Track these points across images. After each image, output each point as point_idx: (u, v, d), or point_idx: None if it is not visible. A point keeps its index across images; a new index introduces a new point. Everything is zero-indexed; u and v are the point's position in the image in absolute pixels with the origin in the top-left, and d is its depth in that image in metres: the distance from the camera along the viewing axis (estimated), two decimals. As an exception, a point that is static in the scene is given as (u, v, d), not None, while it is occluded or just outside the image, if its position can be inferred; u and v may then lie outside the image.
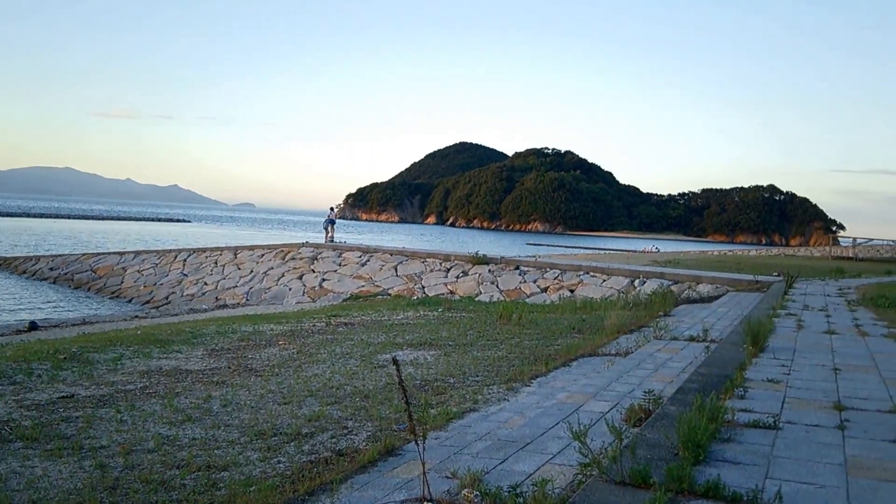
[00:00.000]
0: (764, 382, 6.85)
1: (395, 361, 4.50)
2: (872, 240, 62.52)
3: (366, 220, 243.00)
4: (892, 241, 62.19)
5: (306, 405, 7.28)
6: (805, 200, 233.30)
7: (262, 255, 31.84)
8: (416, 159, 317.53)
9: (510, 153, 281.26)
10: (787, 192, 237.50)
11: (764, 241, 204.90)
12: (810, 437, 4.99)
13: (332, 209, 40.48)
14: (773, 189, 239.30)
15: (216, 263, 31.85)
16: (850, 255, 53.84)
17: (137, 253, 36.13)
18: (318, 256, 30.31)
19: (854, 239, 59.05)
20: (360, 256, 29.45)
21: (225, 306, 25.22)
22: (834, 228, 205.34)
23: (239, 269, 30.65)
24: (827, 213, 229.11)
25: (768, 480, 4.06)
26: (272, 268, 29.82)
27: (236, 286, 28.65)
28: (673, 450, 4.45)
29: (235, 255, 32.72)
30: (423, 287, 25.31)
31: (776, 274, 24.25)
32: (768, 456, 4.54)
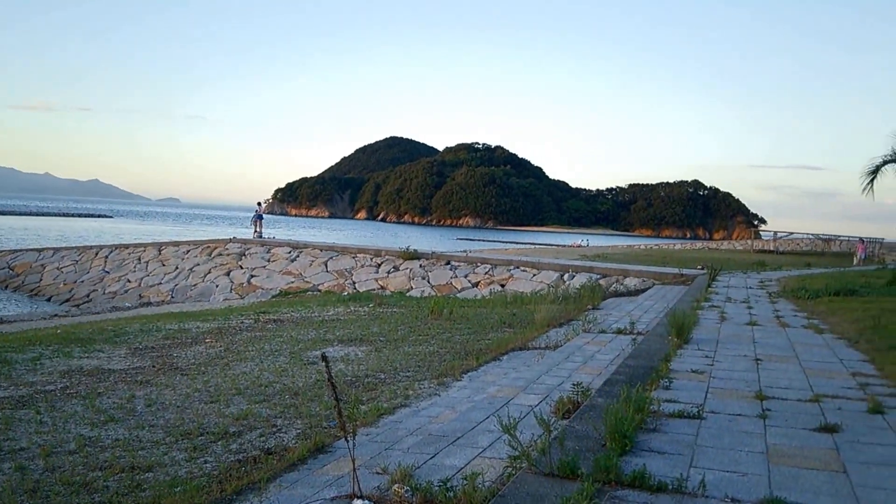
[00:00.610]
0: (688, 373, 7.03)
1: (324, 358, 4.42)
2: (793, 233, 65.33)
3: (295, 215, 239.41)
4: (812, 234, 65.01)
5: (234, 404, 7.12)
6: (728, 195, 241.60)
7: (188, 252, 31.01)
8: (346, 154, 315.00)
9: (441, 148, 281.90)
10: (710, 188, 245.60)
11: (689, 235, 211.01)
12: (733, 427, 5.14)
13: (259, 204, 39.75)
14: (697, 184, 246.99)
15: (139, 260, 30.85)
16: (772, 248, 56.14)
17: (57, 249, 34.64)
18: (246, 252, 29.70)
19: (775, 233, 61.59)
20: (290, 252, 28.99)
21: (149, 304, 24.46)
22: (756, 223, 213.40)
23: (163, 265, 29.76)
24: (749, 208, 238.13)
25: (693, 469, 4.16)
26: (198, 264, 29.07)
27: (161, 283, 27.82)
28: (601, 441, 4.52)
29: (160, 251, 31.76)
30: (354, 283, 25.12)
31: (700, 267, 25.01)
32: (693, 445, 4.66)
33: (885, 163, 18.65)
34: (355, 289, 24.26)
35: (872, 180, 18.79)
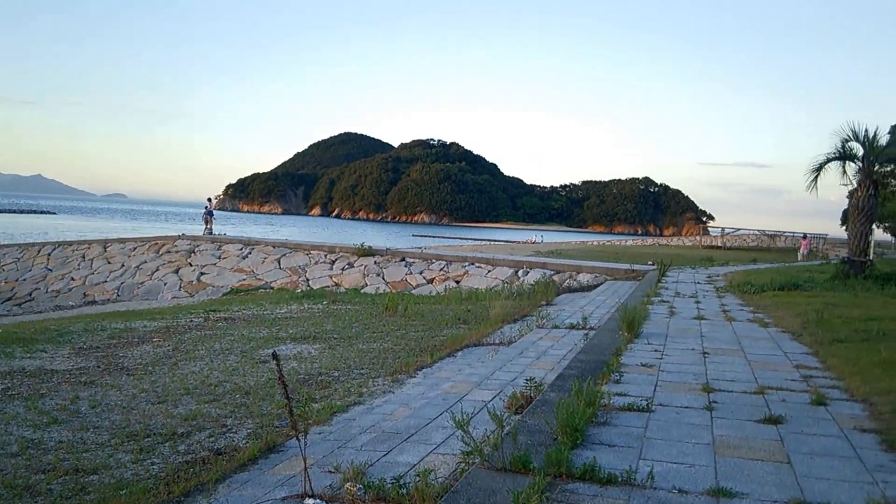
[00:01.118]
0: (638, 367, 7.14)
1: (275, 356, 4.38)
2: (739, 229, 66.90)
3: (247, 211, 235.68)
4: (758, 230, 66.67)
5: (182, 404, 6.99)
6: (678, 192, 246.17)
7: (135, 249, 30.31)
8: (300, 149, 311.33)
9: (396, 144, 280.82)
10: (661, 185, 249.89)
11: (640, 232, 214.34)
12: (681, 419, 5.23)
13: (209, 200, 39.10)
14: (648, 181, 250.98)
15: (84, 257, 30.04)
16: (719, 244, 57.40)
17: (-3, 247, 33.56)
18: (196, 249, 29.15)
19: (722, 229, 62.99)
20: (241, 249, 28.57)
21: (94, 303, 23.87)
22: (704, 219, 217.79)
23: (109, 263, 29.03)
24: (698, 205, 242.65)
25: (642, 461, 4.22)
26: (145, 261, 28.43)
27: (106, 281, 27.15)
28: (553, 435, 4.56)
29: (105, 248, 30.97)
30: (308, 280, 24.88)
31: (651, 263, 25.42)
32: (642, 438, 4.72)
33: (828, 160, 19.12)
34: (309, 286, 24.04)
35: (816, 178, 19.24)
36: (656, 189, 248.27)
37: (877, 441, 4.71)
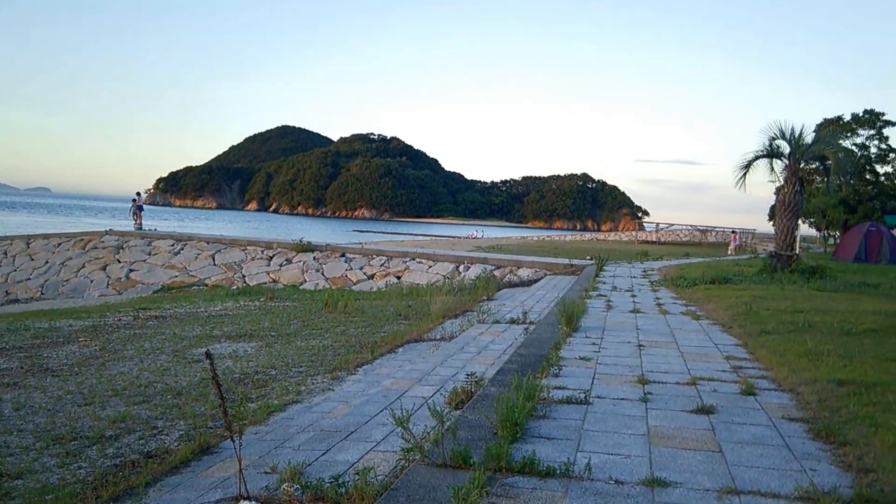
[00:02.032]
0: (577, 360, 7.23)
1: (208, 354, 4.25)
2: (673, 225, 68.70)
3: (180, 206, 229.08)
4: (691, 225, 68.48)
5: (111, 406, 6.76)
6: (615, 188, 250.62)
7: (60, 245, 29.24)
8: (235, 142, 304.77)
9: (335, 138, 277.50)
10: (598, 181, 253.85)
11: (579, 227, 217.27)
12: (617, 410, 5.31)
13: (138, 194, 38.02)
14: (586, 177, 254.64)
15: (6, 254, 28.85)
16: (654, 239, 58.84)
17: (-89, 244, 31.90)
18: (125, 245, 28.29)
19: (657, 224, 64.66)
20: (173, 245, 27.86)
21: (16, 301, 22.96)
22: (640, 214, 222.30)
23: (32, 259, 27.95)
24: (634, 200, 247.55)
25: (580, 453, 4.27)
26: (71, 258, 27.46)
27: (29, 279, 26.14)
28: (493, 429, 4.57)
29: (28, 244, 29.79)
30: (244, 276, 24.45)
31: (589, 258, 25.83)
32: (580, 430, 4.78)
33: (756, 158, 19.72)
34: (245, 282, 23.64)
35: (745, 174, 19.83)
36: (594, 185, 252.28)
37: (804, 429, 4.87)
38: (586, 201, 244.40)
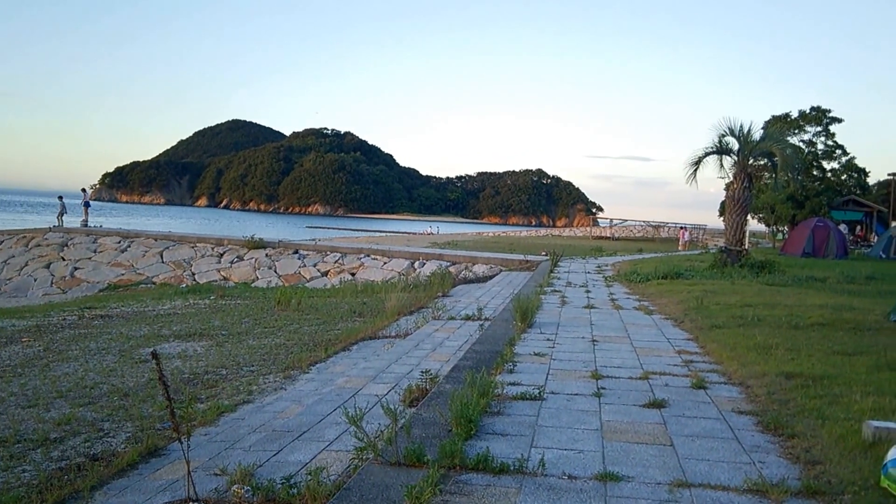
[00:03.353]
0: (531, 356, 7.26)
1: (154, 355, 4.13)
2: (626, 220, 69.70)
3: (126, 202, 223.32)
4: (644, 221, 69.62)
5: (55, 407, 6.56)
6: (569, 184, 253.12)
7: (1, 242, 28.33)
8: (184, 137, 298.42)
9: (287, 132, 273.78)
10: (553, 177, 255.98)
11: (534, 223, 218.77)
12: (571, 406, 5.34)
13: (83, 190, 37.06)
14: (541, 173, 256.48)
15: (-55, 252, 27.82)
16: (608, 234, 59.64)
17: None
18: (70, 243, 27.51)
19: (611, 220, 65.49)
20: (120, 242, 27.19)
21: (-42, 301, 22.10)
22: (594, 210, 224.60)
23: (-26, 258, 27.02)
24: (588, 196, 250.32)
25: (534, 449, 4.27)
26: (13, 256, 26.61)
27: (-29, 278, 25.24)
28: (447, 427, 4.54)
29: (-31, 242, 28.79)
30: (194, 274, 24.00)
31: (544, 253, 26.02)
32: (534, 426, 4.78)
33: (706, 154, 20.11)
34: (195, 280, 23.21)
35: (695, 171, 20.21)
36: (549, 181, 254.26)
37: (753, 422, 4.96)
38: (541, 197, 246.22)
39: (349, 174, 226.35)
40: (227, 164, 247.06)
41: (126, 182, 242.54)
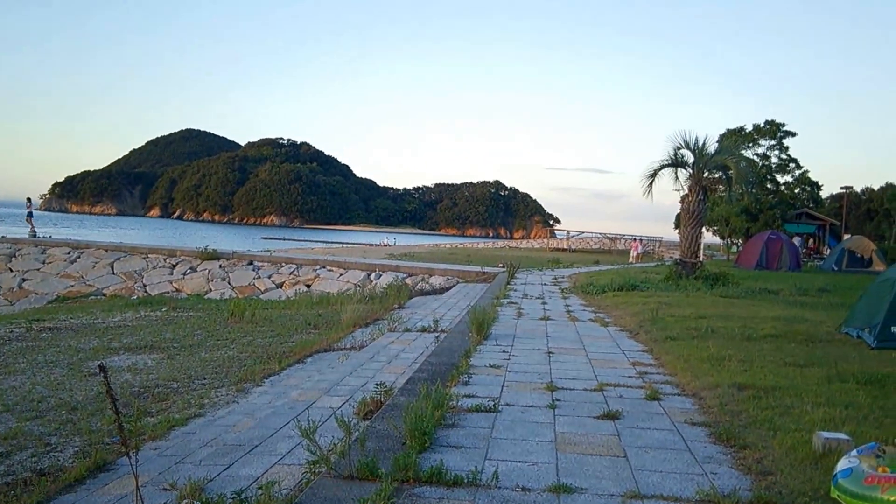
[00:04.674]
0: (487, 368, 7.26)
1: (101, 368, 4.04)
2: (583, 232, 70.34)
3: (77, 212, 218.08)
4: (600, 233, 70.33)
5: (1, 421, 6.41)
6: (527, 196, 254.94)
7: (-53, 253, 27.39)
8: (137, 146, 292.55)
9: (242, 143, 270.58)
10: (511, 188, 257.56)
11: (491, 234, 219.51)
12: (525, 418, 5.35)
13: (29, 200, 36.13)
14: (499, 185, 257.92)
15: None
16: (565, 246, 60.13)
17: None
18: (17, 253, 26.74)
19: (568, 232, 66.10)
20: (69, 253, 26.53)
21: None
22: (551, 222, 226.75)
23: (-85, 268, 26.06)
24: (545, 208, 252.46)
25: (487, 461, 4.27)
26: (-41, 267, 25.76)
27: (-89, 289, 24.34)
28: (401, 439, 4.52)
29: (-90, 252, 27.76)
30: (145, 285, 23.53)
31: (501, 265, 26.10)
32: (488, 438, 4.79)
33: (662, 167, 20.37)
34: (146, 292, 22.75)
35: (651, 183, 20.45)
36: (506, 192, 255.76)
37: (706, 434, 5.03)
38: (499, 209, 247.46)
39: (305, 185, 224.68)
40: (180, 173, 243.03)
41: (77, 192, 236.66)
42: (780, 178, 46.15)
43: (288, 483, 4.32)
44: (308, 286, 22.64)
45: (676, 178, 20.65)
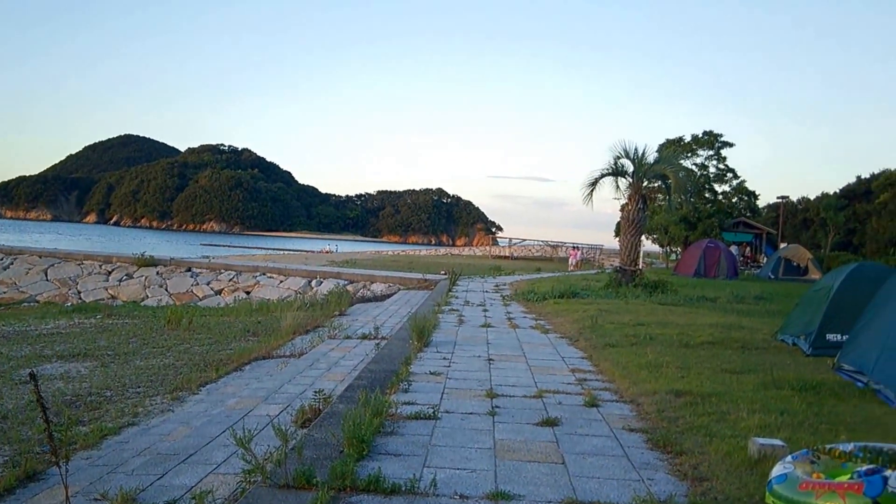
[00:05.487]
0: (427, 375, 7.27)
1: (32, 376, 3.93)
2: (525, 240, 70.80)
3: (11, 217, 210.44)
4: (542, 241, 70.94)
5: (-76, 432, 6.08)
6: (469, 203, 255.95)
7: None
8: (74, 151, 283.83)
9: (182, 148, 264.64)
10: (453, 196, 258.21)
11: (434, 242, 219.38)
12: (465, 425, 5.38)
13: None
14: (441, 192, 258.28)
15: None
16: (507, 254, 60.46)
17: None
18: (-55, 258, 25.67)
19: (510, 239, 66.45)
20: (2, 259, 25.58)
21: None
22: (494, 230, 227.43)
23: None
24: (488, 216, 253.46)
25: (426, 469, 4.27)
26: None
27: None
28: (339, 447, 4.48)
29: None
30: (80, 292, 22.84)
31: (443, 272, 26.15)
32: (427, 445, 4.79)
33: (602, 176, 20.68)
34: (81, 299, 22.08)
35: (592, 192, 20.75)
36: (449, 200, 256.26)
37: (643, 440, 5.11)
38: (441, 216, 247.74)
39: (246, 191, 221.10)
40: (118, 179, 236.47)
41: (11, 197, 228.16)
42: (719, 188, 47.39)
43: (223, 492, 4.25)
44: (248, 293, 22.31)
45: (617, 186, 21.02)
